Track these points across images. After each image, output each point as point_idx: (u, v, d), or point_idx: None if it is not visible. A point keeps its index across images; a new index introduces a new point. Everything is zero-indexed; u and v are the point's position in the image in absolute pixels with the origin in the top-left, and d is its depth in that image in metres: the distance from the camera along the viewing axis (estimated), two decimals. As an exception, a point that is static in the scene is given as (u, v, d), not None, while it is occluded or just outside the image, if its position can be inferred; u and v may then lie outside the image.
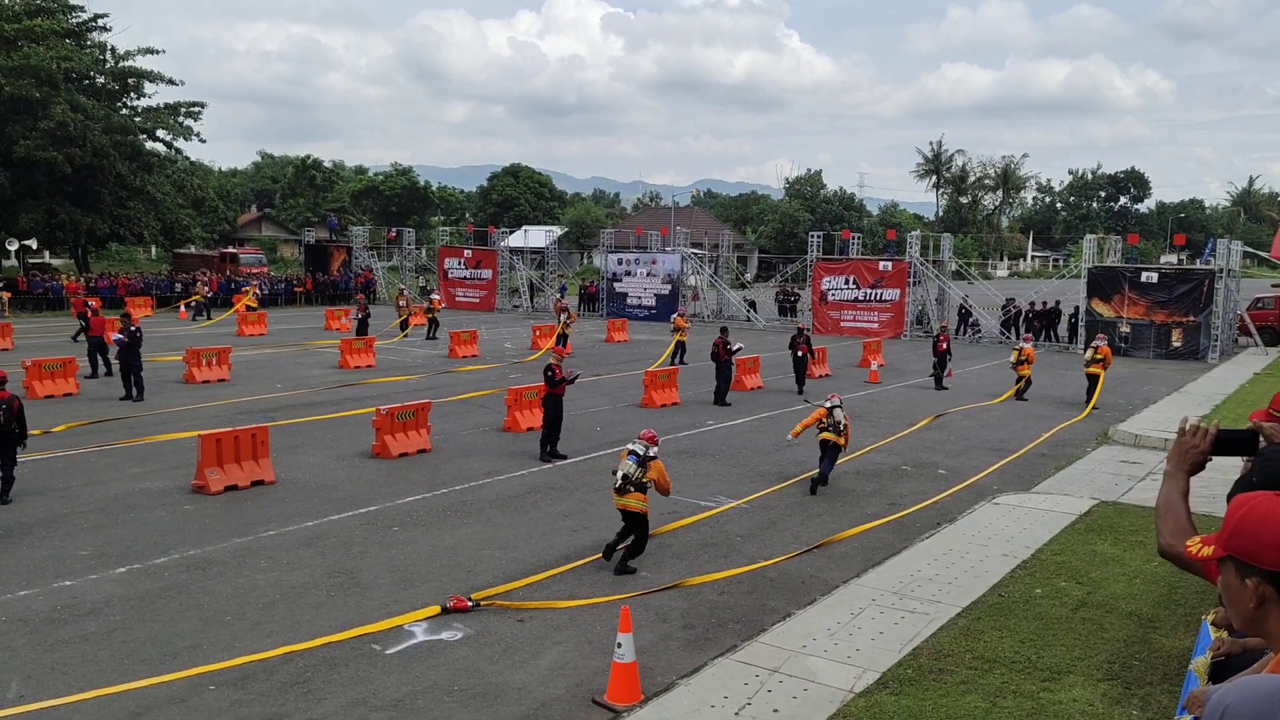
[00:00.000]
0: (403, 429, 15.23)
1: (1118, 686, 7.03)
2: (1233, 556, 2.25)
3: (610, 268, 45.76)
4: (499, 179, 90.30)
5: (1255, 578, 2.20)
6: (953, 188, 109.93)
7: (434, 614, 8.56)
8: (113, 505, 12.03)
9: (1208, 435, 3.05)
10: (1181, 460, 3.06)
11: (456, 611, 8.62)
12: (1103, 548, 10.48)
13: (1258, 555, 2.19)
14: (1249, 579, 2.21)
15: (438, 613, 8.58)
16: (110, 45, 48.69)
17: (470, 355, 28.25)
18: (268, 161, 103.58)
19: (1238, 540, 2.24)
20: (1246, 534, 2.22)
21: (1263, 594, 2.19)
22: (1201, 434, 3.06)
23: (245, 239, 75.34)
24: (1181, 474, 3.05)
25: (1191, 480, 3.06)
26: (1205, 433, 3.06)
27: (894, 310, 38.01)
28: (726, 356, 21.07)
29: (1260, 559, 2.19)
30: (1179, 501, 2.97)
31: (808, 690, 6.98)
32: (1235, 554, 2.25)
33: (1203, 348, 31.74)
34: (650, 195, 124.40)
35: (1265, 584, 2.19)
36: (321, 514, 11.84)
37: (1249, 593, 2.21)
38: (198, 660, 7.61)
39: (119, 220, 47.71)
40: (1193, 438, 3.07)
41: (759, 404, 20.99)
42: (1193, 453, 3.06)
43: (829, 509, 12.65)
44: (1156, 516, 2.99)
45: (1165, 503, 2.99)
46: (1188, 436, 3.08)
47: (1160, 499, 3.04)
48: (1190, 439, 3.07)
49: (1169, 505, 2.97)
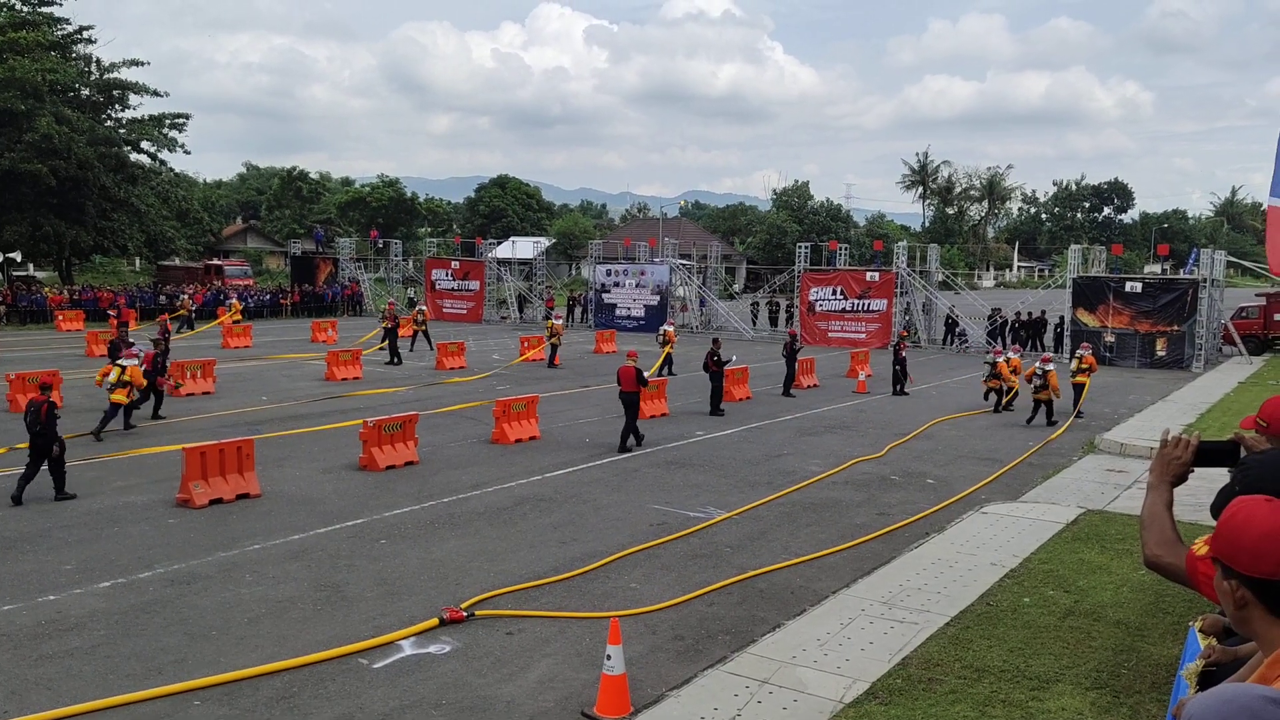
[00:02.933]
0: (390, 441, 15.16)
1: (1106, 695, 7.03)
2: (1217, 558, 2.30)
3: (599, 279, 45.80)
4: (486, 190, 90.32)
5: (1234, 580, 2.25)
6: (939, 199, 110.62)
7: (432, 626, 8.49)
8: (97, 519, 11.94)
9: (1189, 446, 3.08)
10: (1164, 471, 3.08)
11: (453, 623, 8.56)
12: (1090, 556, 10.51)
13: (1234, 559, 2.24)
14: (1229, 581, 2.26)
15: (435, 625, 8.52)
16: (95, 57, 48.64)
17: (458, 367, 28.19)
18: (253, 173, 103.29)
19: (1220, 543, 2.29)
20: (1227, 538, 2.27)
21: (1242, 597, 2.24)
22: (1183, 445, 3.08)
23: (230, 251, 75.11)
24: (1165, 485, 3.07)
25: (1178, 491, 3.08)
26: (1187, 444, 3.08)
27: (881, 320, 38.14)
28: (715, 368, 21.10)
29: (1237, 563, 2.23)
30: (1163, 512, 2.99)
31: (798, 701, 6.96)
32: (1218, 556, 2.29)
33: (1187, 357, 31.94)
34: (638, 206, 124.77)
35: (1243, 587, 2.23)
36: (308, 527, 11.77)
37: (1230, 595, 2.26)
38: (182, 675, 7.53)
39: (103, 232, 47.52)
40: (1174, 449, 3.09)
41: (748, 414, 21.00)
42: (1175, 464, 3.08)
43: (818, 519, 12.65)
44: (1141, 528, 3.01)
45: (1150, 514, 3.02)
46: (1169, 448, 3.10)
47: (1144, 510, 3.06)
48: (1172, 450, 3.09)
49: (1153, 516, 2.99)
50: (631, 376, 16.93)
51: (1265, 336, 36.75)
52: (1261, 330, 36.86)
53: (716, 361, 21.12)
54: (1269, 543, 2.18)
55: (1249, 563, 2.20)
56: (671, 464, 15.82)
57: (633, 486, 14.24)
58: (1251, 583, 2.21)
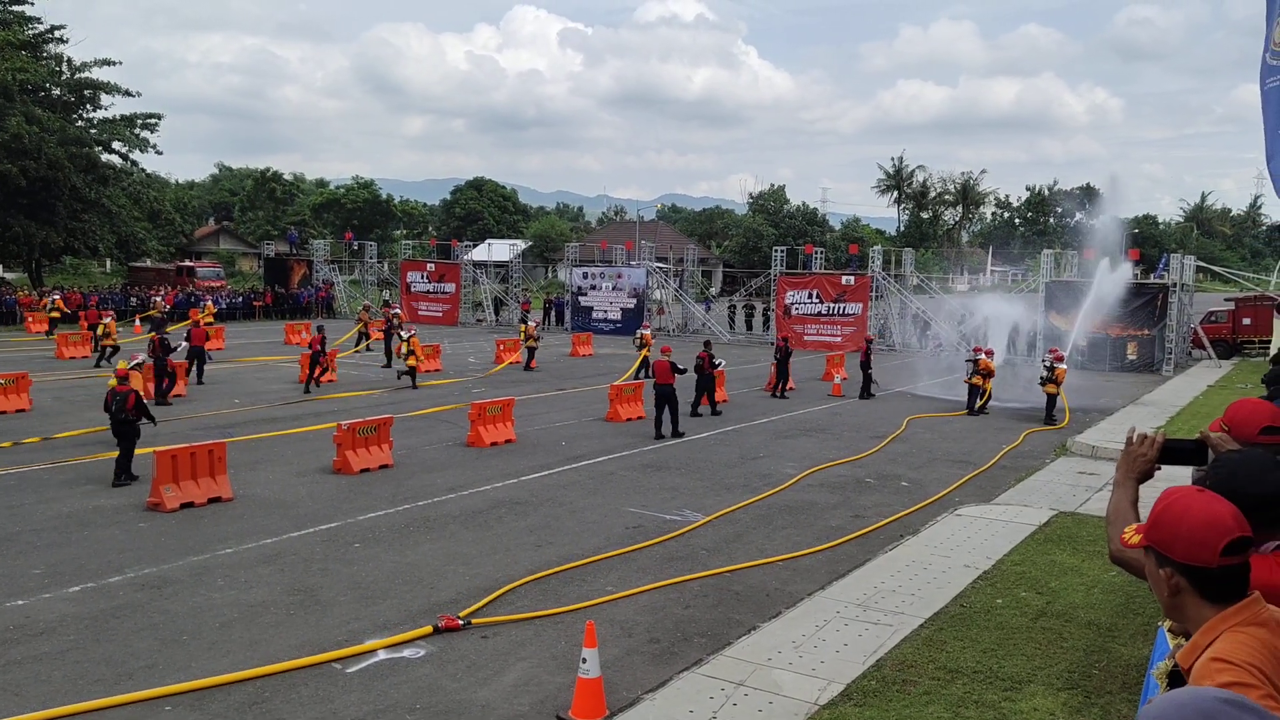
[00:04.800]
0: (364, 444, 15.07)
1: (1078, 695, 7.10)
2: (1152, 547, 2.39)
3: (575, 281, 45.76)
4: (462, 192, 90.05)
5: (1169, 568, 2.33)
6: (914, 203, 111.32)
7: (426, 634, 8.42)
8: (66, 523, 11.79)
9: (1155, 444, 3.14)
10: (1130, 469, 3.15)
11: (448, 631, 8.50)
12: (1062, 557, 10.60)
13: (1170, 547, 2.32)
14: (1163, 569, 2.35)
15: (429, 633, 8.45)
16: (67, 57, 48.07)
17: (433, 370, 28.06)
18: (226, 174, 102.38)
19: (1155, 532, 2.37)
20: (1163, 526, 2.35)
21: (1176, 584, 2.33)
22: (1149, 443, 3.15)
23: (203, 252, 74.43)
24: (1131, 483, 3.13)
25: (1143, 488, 3.13)
26: (1153, 442, 3.14)
27: (857, 324, 38.33)
28: (710, 369, 21.25)
29: (1173, 551, 2.32)
30: (1129, 509, 3.05)
31: (773, 703, 6.98)
32: (1153, 545, 2.38)
33: (1157, 360, 32.30)
34: (615, 209, 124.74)
35: (1178, 575, 2.32)
36: (281, 531, 11.68)
37: (1164, 582, 2.35)
38: (153, 681, 7.45)
39: (73, 233, 46.97)
40: (1140, 447, 3.15)
41: (724, 417, 21.04)
42: (1140, 461, 3.14)
43: (793, 521, 12.69)
44: (1108, 524, 3.07)
45: (1115, 511, 3.08)
46: (1135, 445, 3.17)
47: (1110, 507, 3.12)
48: (1138, 448, 3.16)
49: (1119, 513, 3.05)
50: (667, 369, 18.64)
51: (1234, 341, 37.22)
52: (1230, 334, 37.32)
53: (712, 363, 21.30)
54: (1203, 532, 2.28)
55: (1184, 551, 2.29)
56: (648, 467, 15.82)
57: (609, 490, 14.23)
58: (1186, 570, 2.30)
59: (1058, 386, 21.78)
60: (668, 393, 18.53)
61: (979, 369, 22.54)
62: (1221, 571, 2.26)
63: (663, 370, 18.68)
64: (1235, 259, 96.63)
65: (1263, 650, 2.16)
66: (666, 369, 18.66)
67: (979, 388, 22.53)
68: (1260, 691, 2.05)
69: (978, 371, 22.55)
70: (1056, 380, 21.78)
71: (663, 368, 18.71)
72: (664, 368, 18.71)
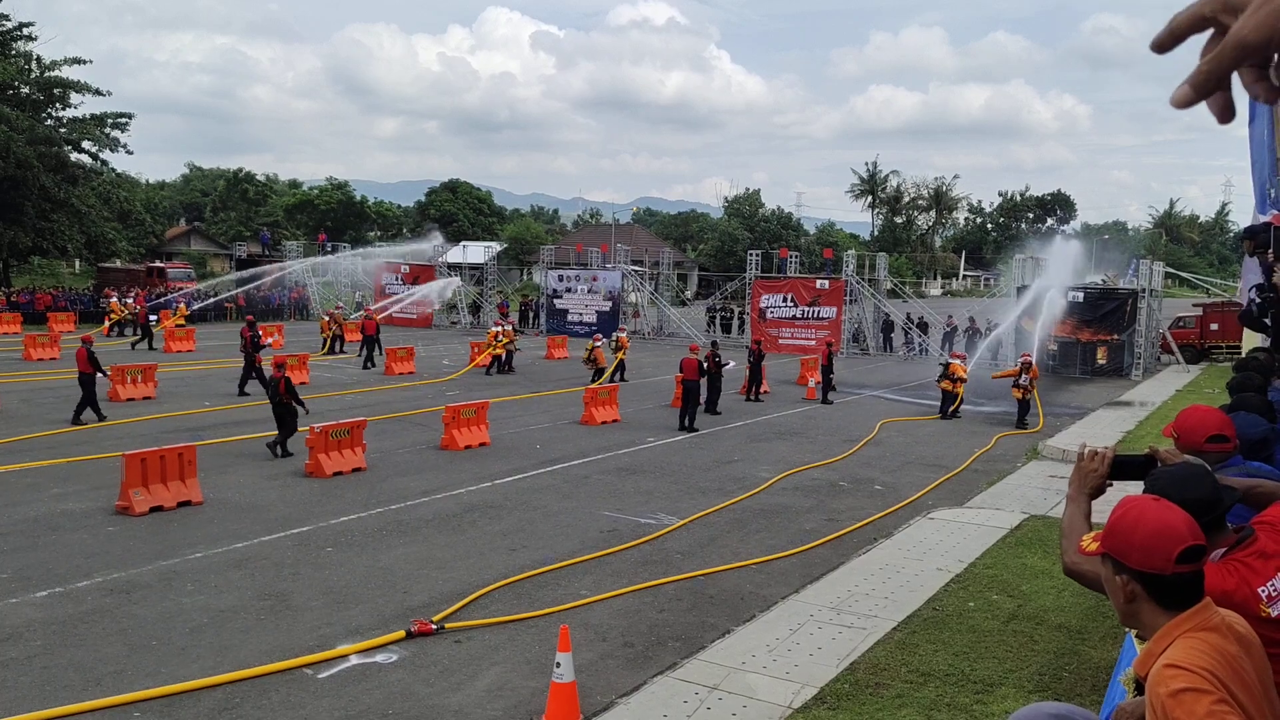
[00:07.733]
0: (337, 447, 14.97)
1: (1049, 698, 7.15)
2: (1108, 554, 2.42)
3: (551, 284, 45.67)
4: (437, 194, 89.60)
5: (1124, 575, 2.37)
6: (888, 208, 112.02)
7: (399, 638, 8.38)
8: (33, 527, 11.62)
9: (1105, 460, 3.18)
10: (1082, 484, 3.18)
11: (420, 635, 8.46)
12: (1032, 561, 10.69)
13: (1126, 555, 2.36)
14: (1119, 576, 2.39)
15: (402, 637, 8.41)
16: (36, 55, 47.43)
17: (407, 372, 27.92)
18: (197, 174, 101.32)
19: (1111, 539, 2.41)
20: (1118, 534, 2.39)
21: (1131, 590, 2.37)
22: (1100, 459, 3.18)
23: (174, 253, 73.62)
24: (1083, 497, 3.17)
25: (1096, 502, 3.18)
26: (1104, 457, 3.18)
27: (831, 328, 38.50)
28: (715, 369, 21.32)
29: (1128, 558, 2.36)
30: (1082, 523, 3.09)
31: (747, 707, 6.99)
32: (1109, 552, 2.42)
33: (1127, 365, 32.68)
34: (590, 212, 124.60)
35: (1134, 581, 2.36)
36: (252, 535, 11.57)
37: (1121, 589, 2.39)
38: (122, 686, 7.36)
39: (42, 234, 46.32)
40: (1091, 462, 3.19)
41: (699, 420, 21.03)
42: (1092, 476, 3.18)
43: (768, 525, 12.73)
44: (1061, 538, 3.12)
45: (1069, 525, 3.12)
46: (1087, 461, 3.20)
47: (1064, 522, 3.17)
48: (1089, 464, 3.19)
49: (1073, 527, 3.09)
50: (694, 366, 19.90)
51: (1202, 345, 37.71)
52: (1198, 339, 37.82)
53: (717, 363, 21.37)
54: (1158, 540, 2.32)
55: (1140, 558, 2.33)
56: (623, 470, 15.82)
57: (583, 494, 14.21)
58: (1141, 577, 2.34)
59: (954, 384, 22.48)
60: (692, 388, 19.82)
61: (949, 373, 22.74)
62: (1176, 579, 2.30)
63: (689, 368, 19.85)
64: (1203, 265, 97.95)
65: (1214, 654, 2.20)
66: (694, 366, 19.88)
67: (951, 392, 22.71)
68: (1214, 697, 2.09)
69: (947, 375, 22.74)
70: (951, 376, 22.50)
71: (689, 365, 19.80)
72: (691, 365, 19.80)
